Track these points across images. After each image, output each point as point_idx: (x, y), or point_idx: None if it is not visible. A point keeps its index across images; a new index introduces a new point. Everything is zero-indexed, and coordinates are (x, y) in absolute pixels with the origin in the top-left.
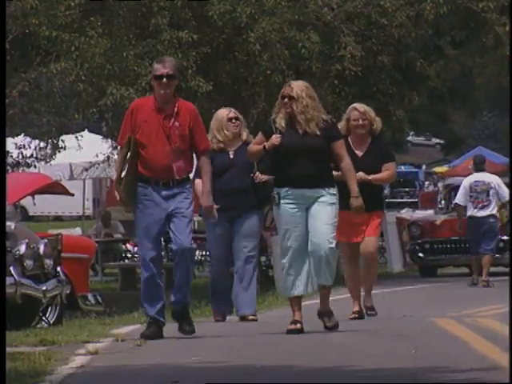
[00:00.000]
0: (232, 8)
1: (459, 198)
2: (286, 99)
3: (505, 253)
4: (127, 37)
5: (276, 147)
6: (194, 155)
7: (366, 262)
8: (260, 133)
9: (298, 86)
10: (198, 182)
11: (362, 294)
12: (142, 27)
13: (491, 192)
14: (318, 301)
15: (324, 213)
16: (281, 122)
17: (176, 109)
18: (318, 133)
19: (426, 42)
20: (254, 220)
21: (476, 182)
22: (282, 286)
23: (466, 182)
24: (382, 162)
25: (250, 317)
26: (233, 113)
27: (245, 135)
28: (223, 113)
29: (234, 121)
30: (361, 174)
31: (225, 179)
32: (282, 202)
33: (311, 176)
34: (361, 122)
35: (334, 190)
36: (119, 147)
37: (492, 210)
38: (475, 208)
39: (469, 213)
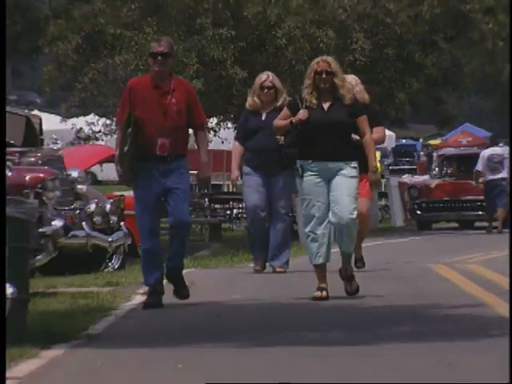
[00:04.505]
0: (263, 9)
1: (479, 166)
2: (323, 75)
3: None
4: (177, 33)
5: (303, 122)
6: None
7: (359, 220)
8: (285, 108)
9: (332, 61)
10: (235, 145)
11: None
12: (189, 25)
13: (503, 161)
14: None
15: (346, 185)
16: (311, 98)
17: (172, 86)
18: (351, 104)
19: (423, 37)
20: (287, 181)
21: (492, 154)
22: (307, 252)
23: (485, 153)
24: (372, 126)
25: (278, 269)
26: (269, 81)
27: (280, 101)
28: (261, 78)
29: (266, 90)
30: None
31: (256, 139)
32: (305, 173)
33: (335, 150)
34: None
35: (355, 164)
36: (119, 123)
37: (503, 174)
38: (491, 173)
39: (487, 177)
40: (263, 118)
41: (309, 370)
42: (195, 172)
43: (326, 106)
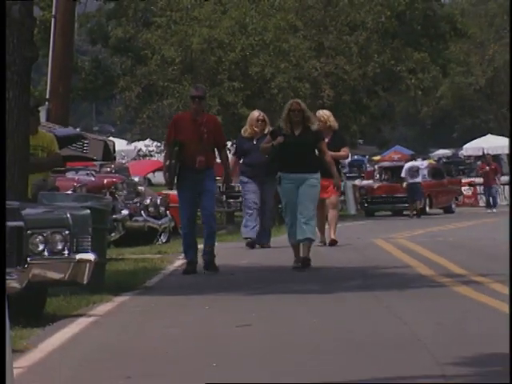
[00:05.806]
0: (262, 69)
1: (404, 174)
2: (296, 112)
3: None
4: (205, 85)
5: (280, 144)
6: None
7: (331, 210)
8: (268, 136)
9: (301, 102)
10: (232, 158)
11: (327, 228)
12: (212, 80)
13: (419, 170)
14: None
15: (308, 193)
16: (286, 127)
17: (205, 119)
18: (314, 132)
19: (368, 88)
20: (272, 188)
21: (412, 166)
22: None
23: (407, 165)
24: (340, 146)
25: (266, 244)
26: (261, 116)
27: (266, 130)
28: (255, 114)
29: (260, 122)
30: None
31: (249, 156)
32: (282, 181)
33: (302, 164)
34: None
35: (317, 175)
36: (167, 144)
37: (419, 179)
38: (411, 178)
39: (409, 181)
40: (255, 142)
41: (293, 310)
42: (219, 178)
43: (296, 132)
